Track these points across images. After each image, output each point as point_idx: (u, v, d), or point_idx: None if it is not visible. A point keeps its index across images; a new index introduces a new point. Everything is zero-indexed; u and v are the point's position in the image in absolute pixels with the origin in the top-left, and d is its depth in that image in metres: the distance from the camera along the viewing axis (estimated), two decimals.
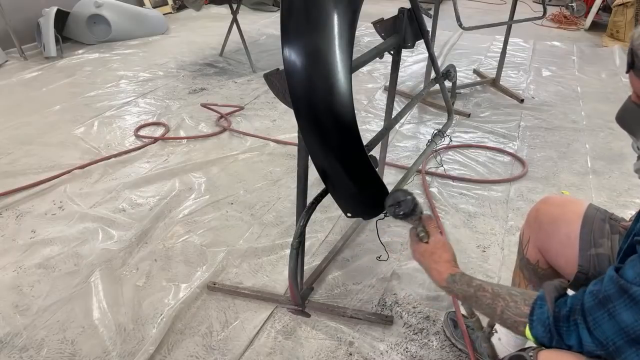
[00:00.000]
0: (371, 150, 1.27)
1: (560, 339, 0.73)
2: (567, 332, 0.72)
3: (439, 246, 1.02)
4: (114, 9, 4.40)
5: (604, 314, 0.68)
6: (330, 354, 1.41)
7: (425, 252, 1.02)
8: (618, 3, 4.58)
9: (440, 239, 1.03)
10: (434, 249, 1.01)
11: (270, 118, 2.94)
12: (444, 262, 0.98)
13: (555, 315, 0.74)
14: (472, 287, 0.89)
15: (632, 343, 0.66)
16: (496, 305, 0.84)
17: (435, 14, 2.84)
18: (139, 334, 1.46)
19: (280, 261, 1.77)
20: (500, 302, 0.83)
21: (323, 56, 0.99)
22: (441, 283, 0.96)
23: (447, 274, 0.95)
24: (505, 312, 0.82)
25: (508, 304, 0.82)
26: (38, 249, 1.81)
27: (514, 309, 0.81)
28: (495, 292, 0.85)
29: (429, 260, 1.01)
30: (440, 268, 0.97)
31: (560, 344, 0.74)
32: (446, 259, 0.99)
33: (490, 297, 0.85)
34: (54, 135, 2.68)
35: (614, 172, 2.39)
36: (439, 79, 1.63)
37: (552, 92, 3.42)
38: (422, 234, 1.05)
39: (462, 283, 0.91)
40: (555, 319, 0.73)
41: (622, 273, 0.68)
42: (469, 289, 0.89)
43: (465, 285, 0.91)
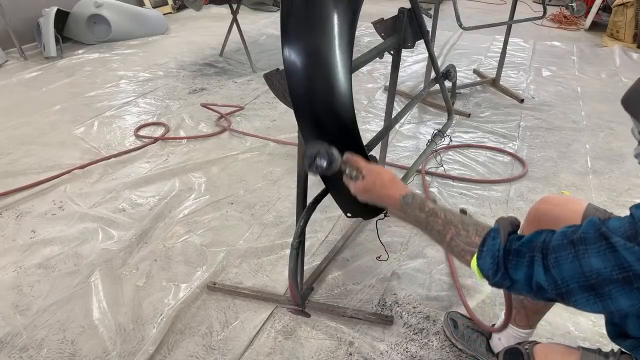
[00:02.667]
0: (371, 150, 1.27)
1: (505, 272, 0.72)
2: (515, 267, 0.72)
3: (375, 173, 0.98)
4: (114, 9, 4.40)
5: (569, 255, 0.67)
6: (330, 354, 1.41)
7: (367, 185, 0.98)
8: (618, 3, 4.58)
9: (371, 167, 1.00)
10: (373, 179, 0.97)
11: (270, 118, 2.94)
12: (389, 184, 0.95)
13: (507, 248, 0.73)
14: (424, 211, 0.87)
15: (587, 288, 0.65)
16: (446, 232, 0.82)
17: (435, 14, 2.84)
18: (139, 334, 1.46)
19: (280, 261, 1.77)
20: (451, 229, 0.82)
21: (323, 56, 0.99)
22: (396, 206, 0.93)
23: (399, 195, 0.92)
24: (455, 239, 0.81)
25: (459, 232, 0.81)
26: (38, 249, 1.81)
27: (464, 237, 0.80)
28: (448, 219, 0.84)
29: (375, 191, 0.97)
30: (389, 191, 0.95)
31: (503, 279, 0.73)
32: (389, 179, 0.96)
33: (442, 224, 0.84)
34: (54, 135, 2.68)
35: (614, 172, 2.39)
36: (439, 79, 1.64)
37: (552, 92, 3.42)
38: (353, 173, 1.01)
39: (414, 207, 0.90)
40: (505, 251, 0.73)
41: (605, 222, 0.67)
42: (420, 214, 0.88)
43: (417, 209, 0.89)
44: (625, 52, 4.30)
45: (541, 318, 1.27)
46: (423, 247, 1.84)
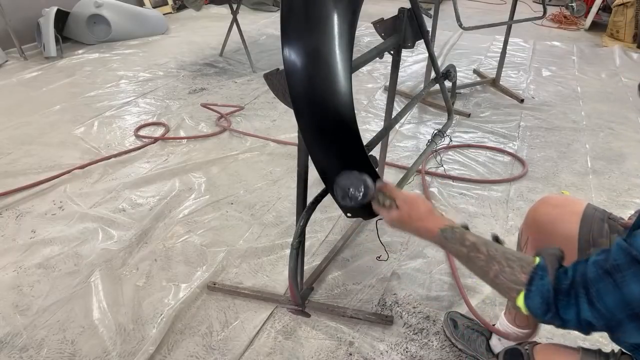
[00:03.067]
0: (371, 150, 1.27)
1: (556, 312, 0.70)
2: (566, 306, 0.70)
3: (410, 203, 0.94)
4: (114, 9, 4.40)
5: (608, 285, 0.65)
6: (330, 354, 1.41)
7: (402, 216, 0.94)
8: (618, 3, 4.58)
9: (406, 196, 0.96)
10: (409, 209, 0.94)
11: (270, 118, 2.94)
12: (426, 217, 0.92)
13: (556, 288, 0.71)
14: (465, 246, 0.84)
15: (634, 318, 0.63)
16: (490, 268, 0.80)
17: (435, 14, 2.84)
18: (139, 334, 1.46)
19: (280, 261, 1.77)
20: (494, 266, 0.79)
21: (323, 56, 0.99)
22: (435, 240, 0.90)
23: (437, 229, 0.89)
24: (499, 276, 0.78)
25: (503, 269, 0.78)
26: (38, 249, 1.81)
27: (509, 274, 0.77)
28: (491, 254, 0.81)
29: (411, 222, 0.93)
30: (427, 225, 0.91)
31: (554, 318, 0.71)
32: (426, 210, 0.92)
33: (484, 259, 0.81)
34: (54, 135, 2.68)
35: (614, 172, 2.39)
36: (439, 79, 1.63)
37: (552, 92, 3.42)
38: (387, 202, 0.96)
39: (454, 241, 0.86)
40: (555, 291, 0.70)
41: (631, 242, 0.65)
42: (461, 248, 0.85)
43: (457, 243, 0.86)
44: (625, 52, 4.30)
45: None
46: (423, 247, 1.84)
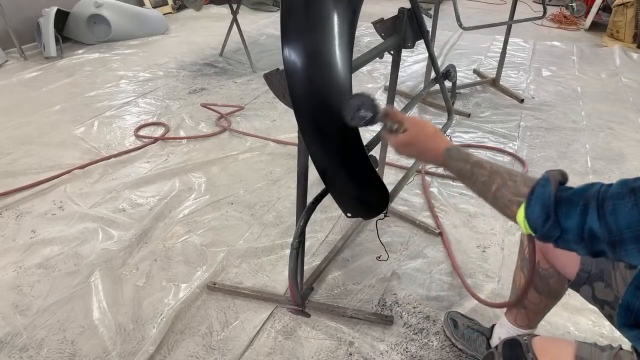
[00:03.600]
0: (371, 150, 1.27)
1: (556, 220, 0.70)
2: (567, 215, 0.69)
3: (419, 126, 0.94)
4: (114, 9, 4.40)
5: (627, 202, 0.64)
6: (330, 354, 1.41)
7: (410, 137, 0.94)
8: (618, 3, 4.58)
9: (414, 120, 0.96)
10: (416, 132, 0.94)
11: (270, 118, 2.94)
12: (432, 137, 0.92)
13: (557, 196, 0.71)
14: (469, 162, 0.85)
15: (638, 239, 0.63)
16: (492, 182, 0.80)
17: (435, 14, 2.84)
18: (139, 334, 1.46)
19: (280, 261, 1.77)
20: (497, 179, 0.79)
21: (323, 56, 0.99)
22: (439, 159, 0.90)
23: (442, 149, 0.90)
24: (501, 189, 0.78)
25: (506, 182, 0.78)
26: (38, 249, 1.81)
27: (512, 187, 0.77)
28: (494, 169, 0.81)
29: (418, 143, 0.93)
30: (433, 144, 0.91)
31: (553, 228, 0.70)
32: (433, 131, 0.93)
33: (487, 174, 0.81)
34: (54, 135, 2.68)
35: (614, 172, 2.39)
36: (439, 79, 1.63)
37: (552, 92, 3.42)
38: (395, 126, 0.97)
39: (459, 158, 0.87)
40: (557, 199, 0.70)
41: None
42: (465, 165, 0.85)
43: (462, 161, 0.86)
44: (625, 52, 4.30)
45: (542, 319, 1.27)
46: (423, 247, 1.84)
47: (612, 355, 0.79)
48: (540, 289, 1.16)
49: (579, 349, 0.80)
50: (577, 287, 1.01)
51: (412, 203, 2.11)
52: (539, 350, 0.81)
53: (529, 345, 0.82)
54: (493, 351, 0.88)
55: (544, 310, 1.23)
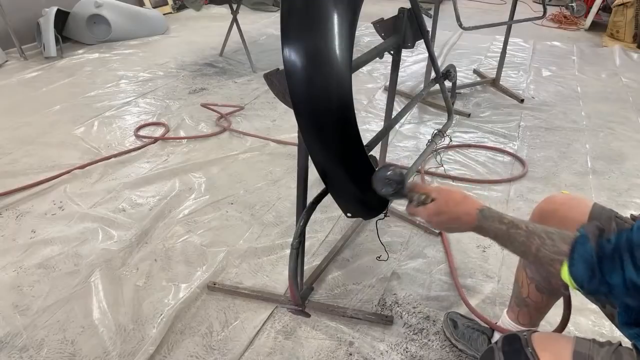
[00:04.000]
0: (371, 150, 1.27)
1: (602, 277, 0.70)
2: (611, 270, 0.70)
3: (446, 192, 0.93)
4: (114, 9, 4.40)
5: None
6: (330, 354, 1.41)
7: (440, 206, 0.92)
8: (618, 3, 4.58)
9: (442, 188, 0.95)
10: (446, 197, 0.92)
11: (270, 118, 2.94)
12: (463, 201, 0.91)
13: (599, 253, 0.71)
14: (504, 224, 0.84)
15: None
16: (531, 243, 0.79)
17: (435, 14, 2.84)
18: (139, 334, 1.46)
19: (280, 261, 1.77)
20: (535, 240, 0.79)
21: (323, 56, 0.99)
22: (473, 223, 0.89)
23: (476, 210, 0.88)
24: (541, 250, 0.78)
25: (544, 242, 0.78)
26: (38, 249, 1.81)
27: (550, 246, 0.77)
28: (530, 229, 0.81)
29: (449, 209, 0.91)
30: (465, 208, 0.90)
31: (600, 284, 0.71)
32: (462, 195, 0.92)
33: (524, 235, 0.81)
34: (54, 135, 2.68)
35: (614, 172, 2.39)
36: (439, 79, 1.63)
37: (552, 92, 3.42)
38: (422, 197, 0.96)
39: (492, 220, 0.86)
40: (599, 256, 0.71)
41: None
42: (500, 226, 0.85)
43: (496, 222, 0.85)
44: (625, 52, 4.30)
45: (543, 317, 1.27)
46: (423, 247, 1.84)
47: (611, 352, 0.79)
48: (542, 288, 1.17)
49: (578, 345, 0.80)
50: None
51: None
52: (538, 345, 0.81)
53: (528, 340, 0.83)
54: (493, 346, 0.88)
55: (545, 308, 1.23)
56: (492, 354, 0.86)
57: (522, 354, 0.81)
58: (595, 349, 0.80)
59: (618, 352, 0.79)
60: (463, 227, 0.91)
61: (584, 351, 0.79)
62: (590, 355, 0.79)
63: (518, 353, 0.82)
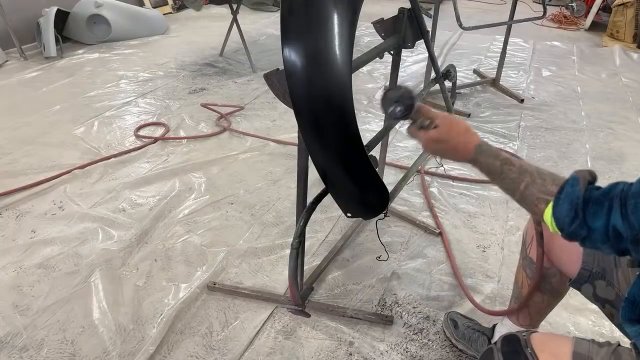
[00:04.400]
0: (371, 150, 1.27)
1: (583, 219, 0.71)
2: (594, 215, 0.70)
3: (450, 121, 0.93)
4: (114, 9, 4.40)
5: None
6: (330, 354, 1.41)
7: (442, 133, 0.92)
8: (618, 3, 4.58)
9: (446, 116, 0.95)
10: (448, 128, 0.92)
11: (270, 118, 2.94)
12: (464, 133, 0.91)
13: (586, 196, 0.71)
14: (499, 159, 0.85)
15: None
16: (521, 179, 0.80)
17: (435, 14, 2.84)
18: (139, 334, 1.46)
19: (280, 261, 1.77)
20: (526, 177, 0.80)
21: (323, 56, 0.99)
22: (469, 154, 0.90)
23: (474, 144, 0.89)
24: (530, 187, 0.79)
25: (534, 180, 0.79)
26: (38, 249, 1.81)
27: (540, 185, 0.78)
28: (523, 167, 0.82)
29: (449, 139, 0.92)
30: (465, 139, 0.90)
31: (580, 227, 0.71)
32: (464, 128, 0.92)
33: (517, 172, 0.82)
34: (54, 135, 2.68)
35: (614, 172, 2.39)
36: (439, 79, 1.63)
37: (552, 92, 3.42)
38: (426, 122, 0.95)
39: (489, 154, 0.87)
40: (585, 199, 0.71)
41: None
42: (495, 162, 0.86)
43: (492, 157, 0.86)
44: (625, 52, 4.30)
45: (543, 318, 1.27)
46: (423, 247, 1.84)
47: (610, 352, 0.79)
48: (542, 289, 1.16)
49: (577, 345, 0.80)
50: (579, 286, 1.01)
51: (412, 203, 2.11)
52: (537, 345, 0.81)
53: (527, 341, 0.83)
54: (492, 346, 0.88)
55: (546, 309, 1.23)
56: (492, 354, 0.86)
57: (522, 355, 0.81)
58: (594, 349, 0.80)
59: (617, 352, 0.79)
60: (458, 157, 0.92)
61: (583, 352, 0.79)
62: (590, 355, 0.79)
63: (517, 354, 0.82)
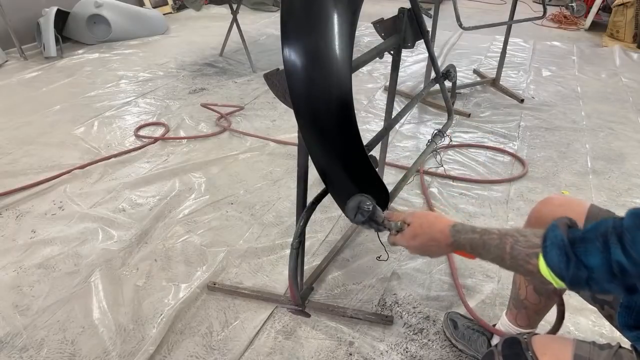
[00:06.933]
0: (371, 150, 1.27)
1: (577, 260, 0.70)
2: (586, 252, 0.69)
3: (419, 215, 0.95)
4: (114, 9, 4.41)
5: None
6: (330, 354, 1.41)
7: (415, 229, 0.94)
8: (618, 3, 4.58)
9: (416, 213, 0.97)
10: (420, 221, 0.94)
11: (270, 118, 2.94)
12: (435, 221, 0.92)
13: (570, 237, 0.71)
14: (477, 232, 0.85)
15: None
16: (505, 243, 0.80)
17: (435, 14, 2.84)
18: (139, 334, 1.46)
19: (280, 261, 1.77)
20: (508, 239, 0.79)
21: (323, 56, 0.99)
22: (448, 239, 0.90)
23: (448, 227, 0.89)
24: (515, 247, 0.78)
25: (517, 240, 0.78)
26: (38, 249, 1.81)
27: (523, 242, 0.77)
28: (502, 232, 0.82)
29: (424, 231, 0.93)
30: (438, 226, 0.91)
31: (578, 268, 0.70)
32: (434, 216, 0.94)
33: (498, 237, 0.82)
34: (54, 135, 2.68)
35: (614, 172, 2.39)
36: (439, 79, 1.63)
37: (552, 92, 3.42)
38: (398, 224, 0.98)
39: (465, 231, 0.87)
40: (570, 240, 0.71)
41: None
42: (474, 235, 0.85)
43: (469, 232, 0.87)
44: (625, 52, 4.30)
45: (542, 319, 1.27)
46: None
47: (611, 354, 0.79)
48: (540, 290, 1.16)
49: (578, 347, 0.80)
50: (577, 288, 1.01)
51: (412, 203, 2.11)
52: (538, 348, 0.81)
53: (528, 344, 0.83)
54: (493, 349, 0.88)
55: (543, 310, 1.23)
56: (492, 357, 0.86)
57: (523, 358, 0.81)
58: (595, 351, 0.80)
59: (618, 354, 0.79)
60: (441, 246, 0.92)
61: (584, 354, 0.79)
62: (591, 358, 0.79)
63: (518, 356, 0.82)
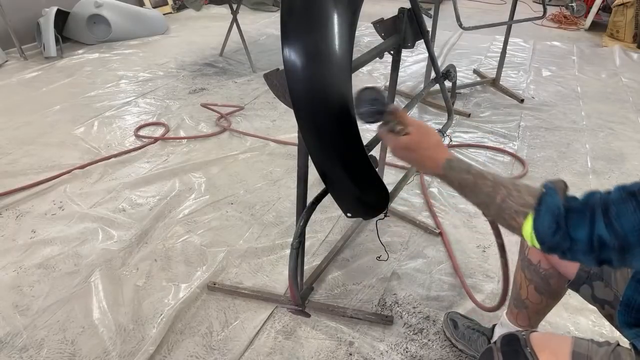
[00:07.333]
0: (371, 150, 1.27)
1: (566, 231, 0.69)
2: (577, 225, 0.68)
3: (423, 132, 0.89)
4: (114, 9, 4.40)
5: (629, 206, 0.64)
6: (330, 354, 1.41)
7: (410, 142, 0.89)
8: (618, 3, 4.58)
9: (420, 124, 0.91)
10: (419, 138, 0.89)
11: (270, 118, 2.94)
12: (434, 147, 0.88)
13: (567, 206, 0.70)
14: (471, 174, 0.82)
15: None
16: (497, 193, 0.77)
17: (435, 14, 2.84)
18: (139, 334, 1.46)
19: (280, 261, 1.77)
20: (501, 190, 0.77)
21: (323, 56, 0.99)
22: (437, 170, 0.87)
23: (444, 159, 0.86)
24: (507, 200, 0.76)
25: (510, 192, 0.76)
26: (38, 249, 1.81)
27: (516, 198, 0.75)
28: (497, 180, 0.79)
29: (417, 150, 0.88)
30: (434, 154, 0.87)
31: (563, 239, 0.69)
32: (435, 142, 0.89)
33: (491, 185, 0.79)
34: (54, 135, 2.68)
35: (614, 172, 2.39)
36: (439, 79, 1.63)
37: (552, 92, 3.42)
38: (398, 127, 0.91)
39: (460, 170, 0.84)
40: (567, 209, 0.69)
41: None
42: (467, 176, 0.82)
43: (464, 172, 0.83)
44: (625, 52, 4.30)
45: (542, 319, 1.27)
46: (423, 247, 1.84)
47: (609, 352, 0.79)
48: (541, 289, 1.16)
49: (577, 345, 0.80)
50: (577, 287, 1.01)
51: (412, 203, 2.11)
52: (536, 345, 0.81)
53: (527, 340, 0.83)
54: (492, 346, 0.88)
55: (544, 310, 1.23)
56: (491, 353, 0.86)
57: (521, 354, 0.81)
58: (593, 349, 0.80)
59: (616, 352, 0.79)
60: (426, 169, 0.89)
61: (582, 351, 0.79)
62: (589, 355, 0.79)
63: (517, 353, 0.82)
